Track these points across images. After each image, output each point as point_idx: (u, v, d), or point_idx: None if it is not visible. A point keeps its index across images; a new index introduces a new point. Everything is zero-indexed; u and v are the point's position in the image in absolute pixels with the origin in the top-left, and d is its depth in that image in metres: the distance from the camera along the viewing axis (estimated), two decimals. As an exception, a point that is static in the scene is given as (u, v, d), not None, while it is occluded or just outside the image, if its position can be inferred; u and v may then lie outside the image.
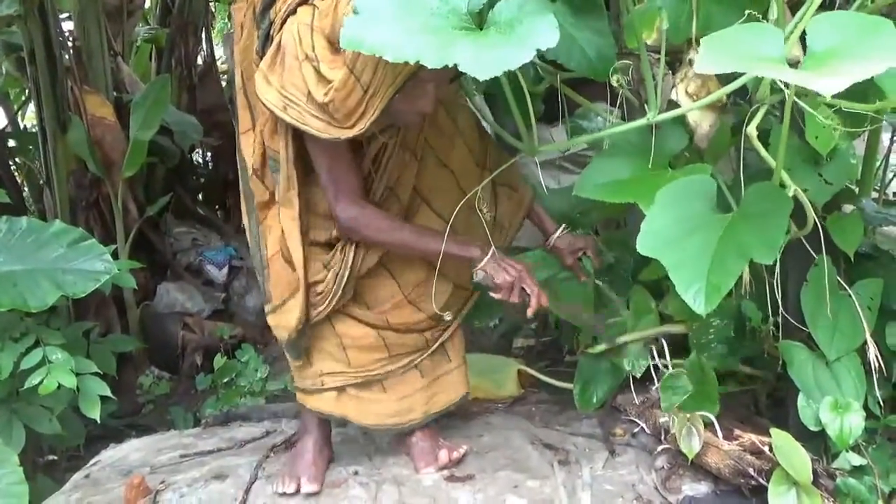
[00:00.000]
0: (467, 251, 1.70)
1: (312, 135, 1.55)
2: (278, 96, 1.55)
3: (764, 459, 1.59)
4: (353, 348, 1.80)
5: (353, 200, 1.65)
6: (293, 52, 1.53)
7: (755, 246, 1.42)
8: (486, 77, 1.27)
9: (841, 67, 1.14)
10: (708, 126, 1.71)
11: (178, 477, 1.96)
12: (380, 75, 1.48)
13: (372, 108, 1.51)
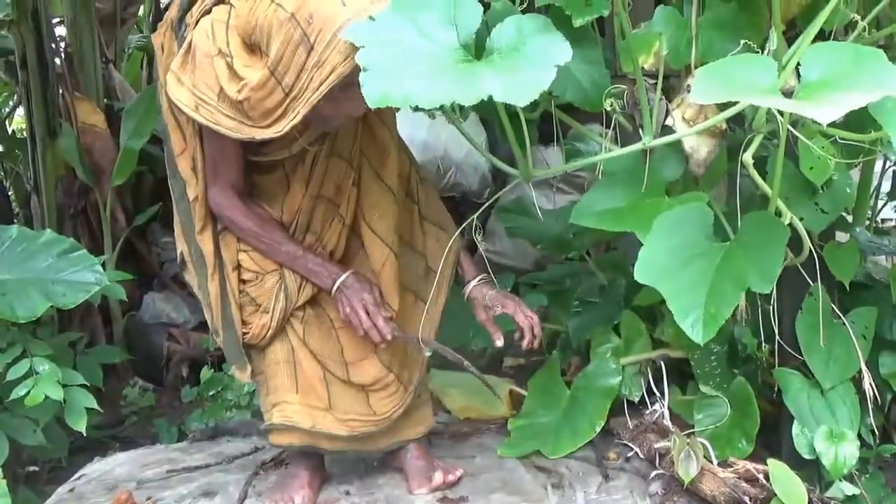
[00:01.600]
0: (318, 278, 1.69)
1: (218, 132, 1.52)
2: (190, 96, 1.50)
3: (759, 488, 1.59)
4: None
5: (224, 189, 1.64)
6: (204, 49, 1.49)
7: (752, 275, 1.43)
8: (525, 104, 1.26)
9: (834, 97, 1.16)
10: (706, 152, 1.72)
11: (165, 493, 1.93)
12: (304, 80, 1.41)
13: (293, 112, 1.44)
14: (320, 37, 1.38)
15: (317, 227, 1.73)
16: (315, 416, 1.73)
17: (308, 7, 1.39)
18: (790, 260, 1.67)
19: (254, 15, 1.45)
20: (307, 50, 1.39)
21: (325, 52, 1.38)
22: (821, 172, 1.63)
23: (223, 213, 1.66)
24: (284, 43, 1.40)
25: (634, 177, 1.73)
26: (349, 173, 1.71)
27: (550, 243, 2.32)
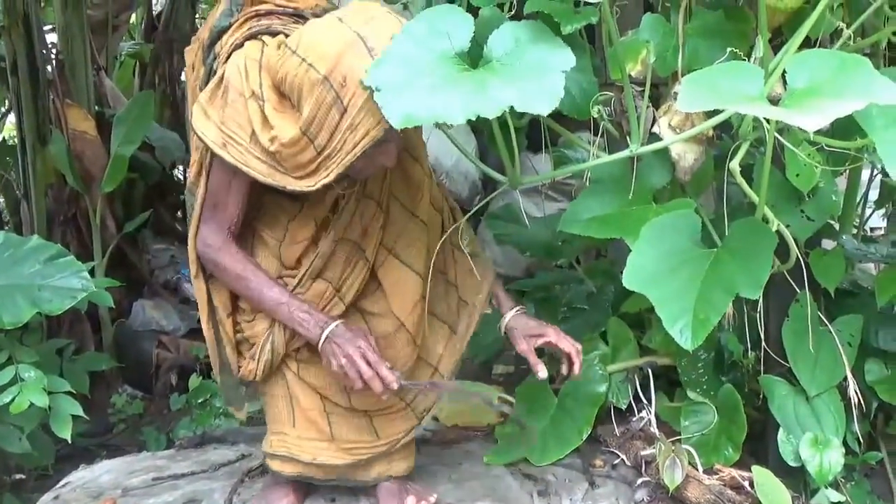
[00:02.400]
0: (303, 327, 1.56)
1: (224, 166, 1.49)
2: (218, 132, 1.47)
3: (744, 495, 1.59)
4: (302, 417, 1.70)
5: (218, 230, 1.58)
6: (238, 87, 1.46)
7: (741, 281, 1.43)
8: (548, 112, 1.25)
9: (820, 104, 1.16)
10: (692, 159, 1.73)
11: (150, 501, 1.92)
12: (337, 140, 1.40)
13: (326, 170, 1.43)
14: (354, 100, 1.37)
15: (335, 272, 1.63)
16: (315, 449, 1.69)
17: (341, 69, 1.37)
18: (777, 267, 1.67)
19: (283, 67, 1.43)
20: (340, 112, 1.38)
21: (358, 116, 1.37)
22: (807, 180, 1.63)
23: (209, 254, 1.59)
24: (317, 104, 1.39)
25: (622, 184, 1.74)
26: (378, 215, 1.64)
27: (539, 250, 2.32)
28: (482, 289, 1.79)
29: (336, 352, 1.54)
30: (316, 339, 1.55)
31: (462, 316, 1.80)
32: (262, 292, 1.58)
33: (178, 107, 4.19)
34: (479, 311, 1.81)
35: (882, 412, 1.91)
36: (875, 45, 1.81)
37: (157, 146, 3.78)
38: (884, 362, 1.80)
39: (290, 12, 1.59)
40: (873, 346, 1.79)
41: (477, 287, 1.79)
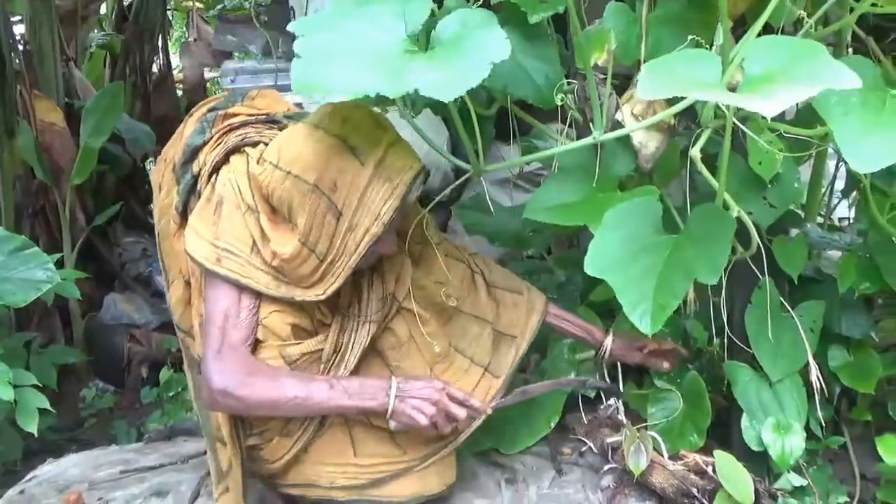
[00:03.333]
0: (363, 403, 1.46)
1: (215, 282, 1.45)
2: (211, 248, 1.44)
3: (707, 480, 1.60)
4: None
5: (233, 357, 1.44)
6: (234, 201, 1.46)
7: (700, 266, 1.44)
8: (451, 99, 1.24)
9: (776, 90, 1.17)
10: (654, 147, 1.73)
11: (117, 493, 1.91)
12: (338, 245, 1.41)
13: (332, 276, 1.44)
14: (348, 202, 1.39)
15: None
16: (333, 473, 1.62)
17: (329, 175, 1.39)
18: (740, 254, 1.69)
19: (269, 182, 1.43)
20: (336, 216, 1.40)
21: (354, 217, 1.40)
22: (769, 167, 1.65)
23: (230, 403, 1.44)
24: (312, 214, 1.40)
25: (587, 172, 1.74)
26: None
27: (508, 240, 2.32)
28: (530, 318, 1.79)
29: (417, 405, 1.46)
30: (385, 407, 1.46)
31: (496, 348, 1.76)
32: (308, 401, 1.44)
33: (149, 98, 4.15)
34: (527, 342, 1.78)
35: (846, 398, 1.93)
36: (839, 36, 1.82)
37: (128, 138, 3.74)
38: (846, 348, 1.81)
39: (263, 119, 1.60)
40: (836, 332, 1.80)
41: (524, 318, 1.79)
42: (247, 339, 1.47)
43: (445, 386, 1.50)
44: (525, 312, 1.79)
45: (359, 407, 1.47)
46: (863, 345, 1.80)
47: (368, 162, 1.40)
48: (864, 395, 1.88)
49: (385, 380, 1.50)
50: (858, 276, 1.72)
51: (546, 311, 1.82)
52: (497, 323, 1.77)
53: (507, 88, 1.73)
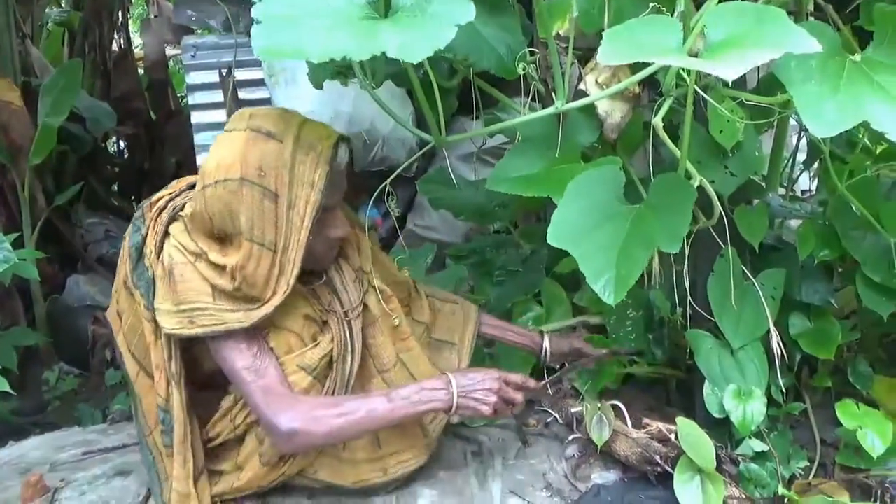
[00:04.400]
0: (431, 404, 1.50)
1: (227, 335, 1.45)
2: (178, 317, 1.44)
3: (670, 447, 1.62)
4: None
5: (290, 404, 1.44)
6: (182, 260, 1.46)
7: (660, 236, 1.44)
8: (418, 61, 1.22)
9: (736, 55, 1.17)
10: (619, 117, 1.73)
11: (79, 475, 1.88)
12: (284, 228, 1.42)
13: (290, 263, 1.44)
14: (279, 181, 1.41)
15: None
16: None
17: (252, 163, 1.41)
18: (702, 223, 1.69)
19: (206, 208, 1.44)
20: (273, 200, 1.41)
21: (291, 192, 1.41)
22: (730, 136, 1.65)
23: (302, 441, 1.44)
24: (249, 207, 1.41)
25: (550, 142, 1.73)
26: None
27: (473, 214, 2.30)
28: (468, 326, 1.84)
29: (482, 398, 1.52)
30: (450, 404, 1.51)
31: (446, 356, 1.82)
32: (373, 415, 1.47)
33: (109, 77, 4.07)
34: (468, 347, 1.84)
35: (807, 365, 1.95)
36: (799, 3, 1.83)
37: (88, 117, 3.67)
38: (807, 316, 1.83)
39: (185, 188, 1.60)
40: (797, 300, 1.82)
41: (463, 325, 1.84)
42: (280, 379, 1.48)
43: (501, 374, 1.56)
44: (462, 321, 1.85)
45: (425, 411, 1.51)
46: (823, 312, 1.82)
47: (287, 139, 1.42)
48: (825, 362, 1.90)
49: (439, 378, 1.53)
50: (818, 243, 1.73)
51: (479, 319, 1.87)
52: (434, 331, 1.82)
53: (469, 59, 1.72)
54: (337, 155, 1.46)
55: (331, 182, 1.45)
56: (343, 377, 1.56)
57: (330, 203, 1.47)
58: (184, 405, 1.54)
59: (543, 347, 1.87)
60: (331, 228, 1.51)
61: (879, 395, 1.87)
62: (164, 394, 1.55)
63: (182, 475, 1.55)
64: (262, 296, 1.45)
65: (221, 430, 1.60)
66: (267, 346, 1.51)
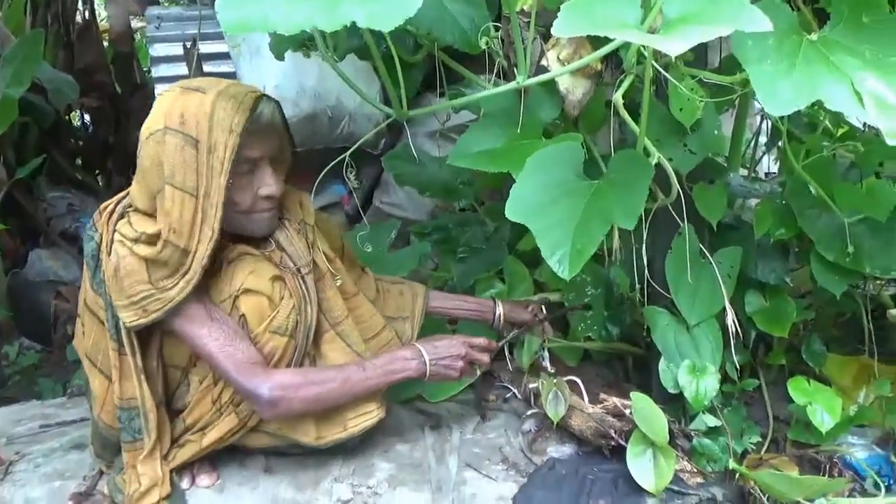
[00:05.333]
0: (404, 373, 1.59)
1: (181, 312, 1.49)
2: (133, 309, 1.48)
3: (625, 421, 1.63)
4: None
5: (268, 374, 1.50)
6: (124, 253, 1.47)
7: (617, 211, 1.45)
8: (390, 29, 1.21)
9: (688, 31, 1.17)
10: (581, 94, 1.73)
11: (35, 447, 1.87)
12: (205, 173, 1.44)
13: (212, 209, 1.46)
14: (199, 128, 1.44)
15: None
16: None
17: (175, 113, 1.45)
18: (661, 200, 1.70)
19: (140, 170, 1.49)
20: (194, 145, 1.44)
21: (210, 137, 1.44)
22: (689, 114, 1.65)
23: (288, 403, 1.51)
24: (171, 154, 1.44)
25: (512, 118, 1.73)
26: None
27: (438, 191, 2.30)
28: (417, 301, 1.90)
29: (451, 364, 1.62)
30: (422, 372, 1.60)
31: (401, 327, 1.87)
32: (347, 384, 1.55)
33: (73, 48, 3.98)
34: (419, 319, 1.89)
35: (763, 343, 1.98)
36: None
37: (49, 88, 3.59)
38: (763, 294, 1.85)
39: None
40: (753, 278, 1.84)
41: (412, 301, 1.89)
42: (252, 351, 1.52)
43: (466, 339, 1.66)
44: (411, 298, 1.90)
45: (399, 380, 1.60)
46: (778, 290, 1.84)
47: (210, 91, 1.47)
48: (780, 340, 1.93)
49: (409, 349, 1.63)
50: (774, 222, 1.75)
51: (428, 296, 1.91)
52: (385, 309, 1.85)
53: (433, 32, 1.70)
54: (258, 107, 1.49)
55: (253, 132, 1.48)
56: (306, 328, 1.58)
57: (253, 155, 1.49)
58: (152, 396, 1.57)
59: (496, 313, 1.89)
60: (261, 185, 1.52)
61: (832, 372, 1.91)
62: (128, 392, 1.57)
63: (151, 462, 1.58)
64: (189, 245, 1.46)
65: (202, 413, 1.61)
66: (228, 319, 1.52)
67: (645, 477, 1.54)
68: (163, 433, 1.61)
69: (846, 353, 2.00)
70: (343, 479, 1.63)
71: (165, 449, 1.61)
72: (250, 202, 1.52)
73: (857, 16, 1.45)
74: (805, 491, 1.49)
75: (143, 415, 1.57)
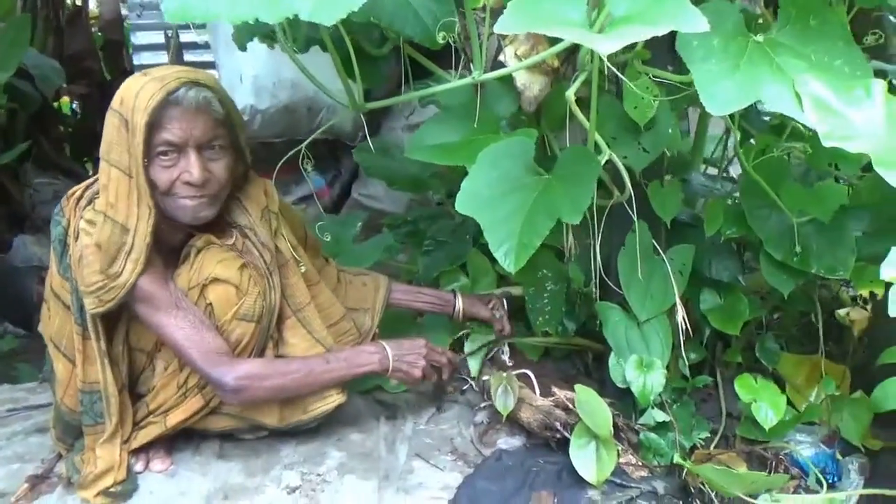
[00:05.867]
0: (368, 367, 1.65)
1: (137, 295, 1.51)
2: (92, 297, 1.51)
3: (572, 415, 1.65)
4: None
5: (233, 364, 1.55)
6: (86, 241, 1.50)
7: (563, 206, 1.47)
8: (332, 22, 1.23)
9: (625, 31, 1.18)
10: (537, 90, 1.75)
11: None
12: (132, 151, 1.47)
13: (143, 189, 1.49)
14: (126, 106, 1.48)
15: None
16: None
17: (119, 95, 1.50)
18: (616, 198, 1.72)
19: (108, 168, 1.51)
20: (125, 125, 1.48)
21: (133, 117, 1.47)
22: (643, 112, 1.67)
23: (249, 386, 1.55)
24: (110, 133, 1.49)
25: (470, 113, 1.75)
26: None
27: (406, 184, 2.32)
28: (379, 292, 1.93)
29: (414, 362, 1.68)
30: (385, 367, 1.66)
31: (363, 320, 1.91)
32: (311, 376, 1.61)
33: (62, 34, 4.00)
34: (380, 312, 1.92)
35: (721, 340, 2.00)
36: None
37: (36, 74, 3.60)
38: (717, 292, 1.87)
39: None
40: (707, 276, 1.85)
41: (374, 293, 1.93)
42: (218, 341, 1.55)
43: (426, 342, 1.72)
44: (373, 290, 1.93)
45: (361, 374, 1.66)
46: (733, 289, 1.86)
47: (152, 74, 1.51)
48: (738, 339, 1.95)
49: (374, 344, 1.70)
50: (726, 220, 1.76)
51: (390, 287, 1.95)
52: (347, 301, 1.88)
53: (394, 26, 1.72)
54: (179, 90, 1.48)
55: (168, 114, 1.48)
56: (270, 312, 1.61)
57: (171, 138, 1.48)
58: (115, 381, 1.60)
59: (456, 308, 1.93)
60: (182, 170, 1.51)
61: (786, 370, 1.92)
62: (92, 376, 1.60)
63: (110, 446, 1.61)
64: (128, 223, 1.49)
65: (166, 397, 1.64)
66: (195, 307, 1.55)
67: (587, 469, 1.56)
68: (125, 417, 1.63)
69: (806, 353, 2.01)
70: (294, 466, 1.65)
71: (127, 434, 1.64)
72: (168, 185, 1.51)
73: (805, 19, 1.47)
74: (746, 486, 1.50)
75: (105, 398, 1.59)
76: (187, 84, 1.50)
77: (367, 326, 1.88)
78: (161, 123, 1.48)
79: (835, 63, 1.43)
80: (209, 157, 1.54)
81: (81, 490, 1.59)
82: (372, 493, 1.56)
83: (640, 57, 1.64)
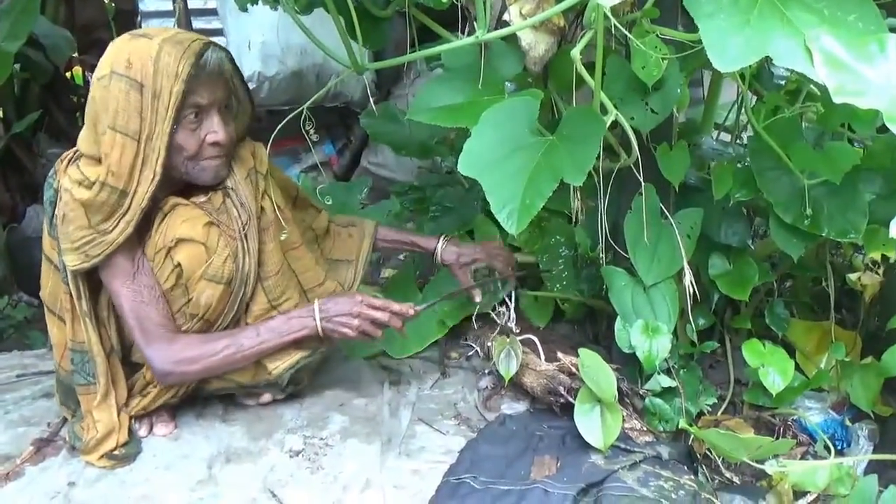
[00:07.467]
0: (302, 331, 1.61)
1: (113, 260, 1.51)
2: (76, 254, 1.50)
3: (576, 379, 1.64)
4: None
5: (165, 345, 1.55)
6: (68, 199, 1.49)
7: (567, 167, 1.44)
8: None
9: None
10: (543, 49, 1.71)
11: (7, 396, 1.92)
12: (150, 117, 1.46)
13: (154, 153, 1.47)
14: (144, 72, 1.45)
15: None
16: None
17: (122, 57, 1.46)
18: (623, 161, 1.69)
19: (88, 115, 1.50)
20: (138, 90, 1.45)
21: (156, 82, 1.45)
22: (651, 72, 1.62)
23: (177, 369, 1.56)
24: (115, 99, 1.45)
25: (474, 74, 1.71)
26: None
27: (413, 150, 2.29)
28: (364, 242, 1.92)
29: (344, 322, 1.60)
30: (316, 330, 1.60)
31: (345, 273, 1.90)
32: (242, 351, 1.58)
33: (73, 4, 3.99)
34: (364, 263, 1.91)
35: (730, 306, 1.97)
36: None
37: (47, 44, 3.59)
38: (727, 256, 1.83)
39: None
40: (717, 240, 1.82)
41: (358, 244, 1.92)
42: (160, 317, 1.55)
43: (364, 297, 1.63)
44: (358, 240, 1.92)
45: (292, 340, 1.61)
46: (742, 254, 1.82)
47: (156, 37, 1.48)
48: (748, 305, 1.92)
49: (305, 308, 1.62)
50: (735, 183, 1.72)
51: (376, 232, 1.93)
52: (333, 252, 1.89)
53: (399, -14, 1.69)
54: (205, 54, 1.49)
55: (199, 79, 1.49)
56: (243, 277, 1.60)
57: (201, 101, 1.50)
58: (101, 342, 1.60)
59: (437, 249, 1.90)
60: (207, 132, 1.53)
61: (796, 337, 1.89)
62: (80, 336, 1.61)
63: (106, 408, 1.61)
64: (128, 187, 1.48)
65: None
66: (153, 279, 1.55)
67: (592, 433, 1.55)
68: (116, 381, 1.64)
69: (816, 321, 1.98)
70: (297, 430, 1.65)
71: (122, 399, 1.64)
72: (196, 148, 1.53)
73: (819, -28, 1.42)
74: (751, 451, 1.48)
75: (91, 358, 1.60)
76: (205, 45, 1.51)
77: (350, 280, 1.88)
78: (191, 88, 1.47)
79: (848, 18, 1.38)
80: (224, 117, 1.56)
81: (85, 454, 1.60)
82: (374, 456, 1.56)
83: (648, 16, 1.60)
